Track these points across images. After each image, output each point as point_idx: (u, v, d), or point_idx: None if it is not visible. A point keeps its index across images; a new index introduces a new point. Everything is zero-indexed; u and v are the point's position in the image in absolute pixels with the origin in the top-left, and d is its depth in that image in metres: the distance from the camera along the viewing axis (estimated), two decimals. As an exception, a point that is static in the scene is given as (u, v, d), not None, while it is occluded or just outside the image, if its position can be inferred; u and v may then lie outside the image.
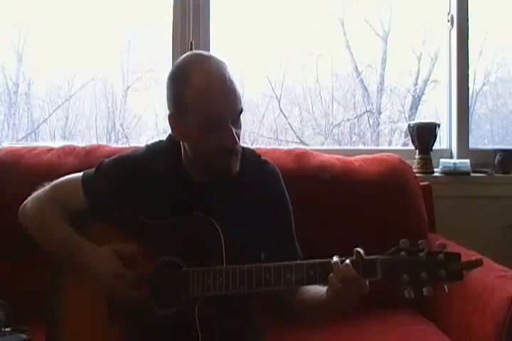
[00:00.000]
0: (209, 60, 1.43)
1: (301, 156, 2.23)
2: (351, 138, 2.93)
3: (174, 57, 2.57)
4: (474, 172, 2.58)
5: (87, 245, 1.49)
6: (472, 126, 2.83)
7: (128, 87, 2.85)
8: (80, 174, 1.62)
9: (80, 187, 1.57)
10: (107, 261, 1.45)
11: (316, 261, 1.33)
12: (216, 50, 2.50)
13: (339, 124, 2.91)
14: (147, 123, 2.87)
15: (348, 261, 1.29)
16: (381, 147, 2.85)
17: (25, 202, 1.61)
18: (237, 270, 1.36)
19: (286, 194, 1.60)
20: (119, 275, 1.43)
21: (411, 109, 2.94)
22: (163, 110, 2.76)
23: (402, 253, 1.28)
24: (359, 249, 1.30)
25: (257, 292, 1.37)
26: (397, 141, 2.96)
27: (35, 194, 1.61)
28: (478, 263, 1.29)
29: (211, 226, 1.41)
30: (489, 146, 2.81)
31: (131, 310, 1.45)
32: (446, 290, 1.26)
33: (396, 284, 1.27)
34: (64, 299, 1.53)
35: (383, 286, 1.29)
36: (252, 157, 1.60)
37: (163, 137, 1.64)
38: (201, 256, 1.42)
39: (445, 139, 2.75)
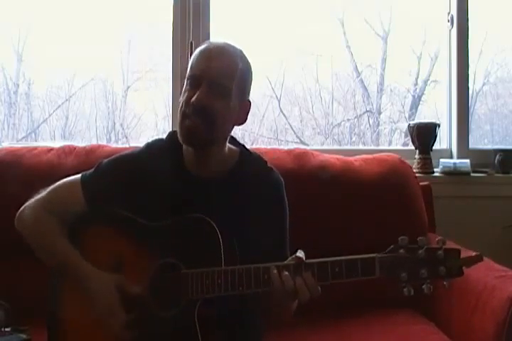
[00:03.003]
0: (223, 42, 1.55)
1: (301, 156, 2.23)
2: (351, 138, 2.93)
3: (174, 57, 2.56)
4: (474, 172, 2.58)
5: (90, 270, 1.47)
6: (472, 126, 2.83)
7: (128, 87, 2.85)
8: (78, 176, 1.60)
9: (79, 190, 1.56)
10: (106, 294, 1.44)
11: (314, 261, 1.33)
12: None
13: (339, 124, 2.91)
14: (147, 123, 2.87)
15: (286, 272, 1.31)
16: (381, 147, 2.85)
17: (22, 208, 1.58)
18: (235, 271, 1.36)
19: (286, 204, 1.59)
20: (113, 313, 1.43)
21: (411, 109, 2.94)
22: (163, 110, 2.76)
23: (401, 250, 1.28)
24: (299, 254, 1.33)
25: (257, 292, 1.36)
26: (397, 141, 2.96)
27: (32, 200, 1.58)
28: (478, 259, 1.29)
29: (210, 228, 1.40)
30: (489, 146, 2.81)
31: (131, 311, 1.44)
32: (446, 286, 1.26)
33: (395, 282, 1.27)
34: (64, 298, 1.53)
35: (383, 286, 1.29)
36: (257, 161, 1.61)
37: (163, 137, 1.64)
38: (200, 258, 1.41)
39: (445, 139, 2.75)
